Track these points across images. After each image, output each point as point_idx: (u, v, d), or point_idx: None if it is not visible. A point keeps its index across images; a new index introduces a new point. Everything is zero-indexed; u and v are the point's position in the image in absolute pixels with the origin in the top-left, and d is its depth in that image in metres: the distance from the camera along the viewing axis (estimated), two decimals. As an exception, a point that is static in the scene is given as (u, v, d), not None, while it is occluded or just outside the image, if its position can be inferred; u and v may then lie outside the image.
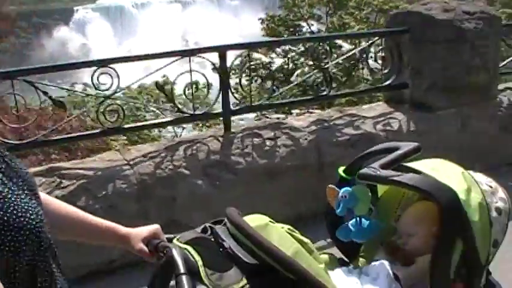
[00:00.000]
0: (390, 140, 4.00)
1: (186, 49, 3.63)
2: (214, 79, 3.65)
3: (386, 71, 4.24)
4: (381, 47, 4.05)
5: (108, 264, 3.27)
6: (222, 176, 3.54)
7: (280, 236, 1.32)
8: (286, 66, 7.65)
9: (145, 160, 3.48)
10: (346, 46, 7.81)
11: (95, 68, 3.32)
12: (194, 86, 3.69)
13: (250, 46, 3.73)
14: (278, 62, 8.76)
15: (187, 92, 3.62)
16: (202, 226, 1.41)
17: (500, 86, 4.98)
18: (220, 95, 3.64)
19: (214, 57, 3.61)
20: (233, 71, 4.22)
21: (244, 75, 7.53)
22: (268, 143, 3.68)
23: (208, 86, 3.70)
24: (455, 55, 4.22)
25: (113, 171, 3.38)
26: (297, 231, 1.40)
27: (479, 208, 1.40)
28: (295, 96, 6.53)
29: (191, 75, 3.62)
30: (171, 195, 3.41)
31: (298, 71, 7.46)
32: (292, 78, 7.01)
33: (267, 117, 5.99)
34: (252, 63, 4.31)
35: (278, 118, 4.20)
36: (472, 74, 4.31)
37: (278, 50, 8.83)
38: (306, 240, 1.39)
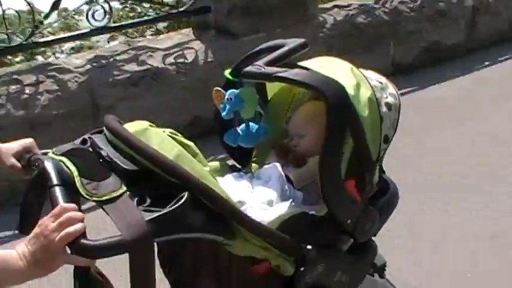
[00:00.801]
0: (182, 74, 3.57)
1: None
2: None
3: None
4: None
5: None
6: (-32, 133, 2.99)
7: (161, 140, 1.28)
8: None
9: None
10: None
11: None
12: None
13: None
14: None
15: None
16: (82, 138, 1.32)
17: (328, 5, 4.61)
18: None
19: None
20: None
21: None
22: (27, 90, 3.14)
23: None
24: (258, -29, 3.76)
25: None
26: (179, 134, 1.35)
27: (369, 103, 1.37)
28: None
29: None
30: None
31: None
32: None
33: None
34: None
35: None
36: (280, -8, 3.88)
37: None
38: (189, 143, 1.35)
